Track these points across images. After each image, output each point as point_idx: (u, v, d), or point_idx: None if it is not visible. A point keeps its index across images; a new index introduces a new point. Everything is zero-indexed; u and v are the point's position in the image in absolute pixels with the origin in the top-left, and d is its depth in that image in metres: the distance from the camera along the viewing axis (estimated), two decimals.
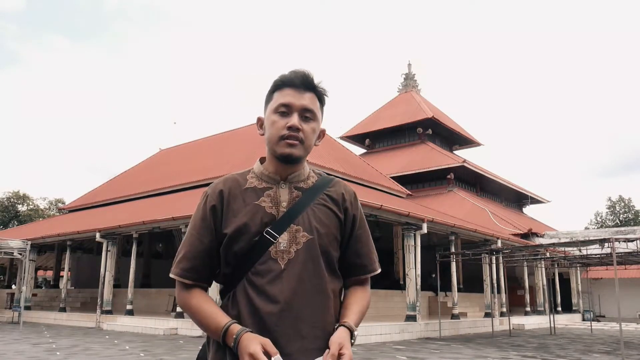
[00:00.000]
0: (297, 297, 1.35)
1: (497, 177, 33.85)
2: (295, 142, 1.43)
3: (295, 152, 1.43)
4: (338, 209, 1.49)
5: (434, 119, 34.03)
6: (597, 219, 48.94)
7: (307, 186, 1.49)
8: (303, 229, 1.41)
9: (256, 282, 1.37)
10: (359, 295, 1.50)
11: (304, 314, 1.35)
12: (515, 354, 11.00)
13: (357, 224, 1.52)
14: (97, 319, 17.31)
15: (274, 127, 1.45)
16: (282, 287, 1.35)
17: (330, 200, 1.49)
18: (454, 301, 17.50)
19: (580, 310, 26.38)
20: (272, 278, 1.36)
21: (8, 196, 43.68)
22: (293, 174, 1.49)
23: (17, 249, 18.39)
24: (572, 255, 17.47)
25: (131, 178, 27.64)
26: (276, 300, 1.34)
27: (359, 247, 1.51)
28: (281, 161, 1.47)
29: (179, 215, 15.52)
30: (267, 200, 1.44)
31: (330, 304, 1.41)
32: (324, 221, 1.45)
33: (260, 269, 1.38)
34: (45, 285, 33.62)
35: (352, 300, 1.48)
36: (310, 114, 1.46)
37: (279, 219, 1.42)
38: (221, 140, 26.12)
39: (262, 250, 1.39)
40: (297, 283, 1.36)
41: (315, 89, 1.49)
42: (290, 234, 1.40)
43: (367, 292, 1.53)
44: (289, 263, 1.38)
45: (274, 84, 1.50)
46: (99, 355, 9.54)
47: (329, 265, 1.43)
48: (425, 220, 15.56)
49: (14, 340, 12.31)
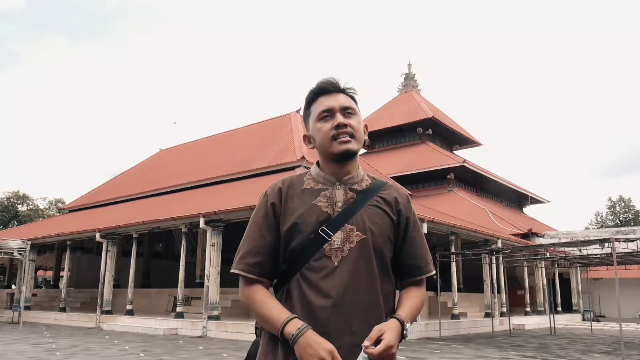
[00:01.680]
0: (348, 293, 1.40)
1: (497, 177, 33.85)
2: (347, 139, 1.49)
3: (351, 147, 1.50)
4: (391, 211, 1.54)
5: (434, 119, 34.03)
6: (597, 219, 48.97)
7: (361, 188, 1.55)
8: (357, 229, 1.46)
9: (310, 278, 1.42)
10: (413, 293, 1.54)
11: (355, 309, 1.40)
12: (515, 354, 10.99)
13: (411, 226, 1.57)
14: (97, 319, 17.31)
15: (321, 133, 1.52)
16: (334, 282, 1.40)
17: (383, 202, 1.54)
18: (454, 301, 17.50)
19: (580, 310, 26.37)
20: (326, 274, 1.42)
21: (8, 196, 43.70)
22: (348, 175, 1.55)
23: (17, 249, 18.40)
24: (572, 255, 17.47)
25: (131, 178, 27.65)
26: (329, 295, 1.39)
27: (413, 248, 1.56)
28: (339, 160, 1.52)
29: (179, 215, 15.53)
30: (323, 200, 1.50)
31: (380, 302, 1.45)
32: (378, 222, 1.50)
33: (314, 265, 1.43)
34: (45, 285, 33.63)
35: (406, 297, 1.53)
36: (351, 110, 1.54)
37: (334, 218, 1.47)
38: (221, 140, 26.13)
39: (317, 247, 1.44)
40: (349, 280, 1.41)
41: (344, 90, 1.57)
42: (345, 233, 1.45)
43: (422, 291, 1.57)
44: (342, 260, 1.43)
45: (307, 100, 1.58)
46: (99, 355, 9.54)
47: (381, 264, 1.48)
48: (425, 220, 15.56)
49: (14, 340, 12.32)
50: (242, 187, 17.81)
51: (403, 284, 1.57)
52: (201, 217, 14.47)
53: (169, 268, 19.81)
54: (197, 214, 14.63)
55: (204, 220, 14.46)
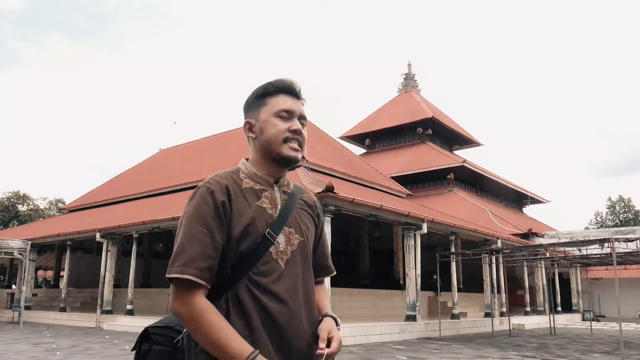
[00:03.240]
0: (297, 295, 1.43)
1: (497, 177, 33.86)
2: (297, 147, 1.51)
3: (297, 156, 1.51)
4: (313, 214, 1.61)
5: (434, 119, 34.04)
6: (597, 219, 48.98)
7: (289, 191, 1.57)
8: (295, 231, 1.49)
9: (260, 282, 1.38)
10: (324, 292, 1.63)
11: (304, 311, 1.44)
12: (515, 354, 11.00)
13: (321, 229, 1.65)
14: (97, 319, 17.31)
15: (275, 129, 1.48)
16: (285, 286, 1.41)
17: (307, 205, 1.60)
18: (454, 301, 17.50)
19: (580, 310, 26.38)
20: (276, 277, 1.41)
21: (8, 196, 43.70)
22: (282, 178, 1.56)
23: (17, 249, 18.41)
24: (572, 255, 17.47)
25: (131, 178, 27.65)
26: (282, 298, 1.39)
27: (323, 249, 1.65)
28: (281, 163, 1.51)
29: (179, 215, 15.50)
30: (266, 201, 1.48)
31: (314, 302, 1.52)
32: (308, 225, 1.56)
33: (263, 269, 1.40)
34: (46, 285, 33.66)
35: (321, 296, 1.59)
36: (304, 121, 1.56)
37: (276, 221, 1.46)
38: (221, 140, 26.12)
39: (264, 250, 1.41)
40: (296, 282, 1.44)
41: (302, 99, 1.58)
42: (286, 236, 1.46)
43: (325, 288, 1.67)
44: (287, 263, 1.44)
45: (265, 90, 1.53)
46: (99, 355, 9.54)
47: (310, 265, 1.54)
48: (425, 220, 15.56)
49: (14, 340, 12.32)
50: None
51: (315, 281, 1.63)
52: None
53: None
54: None
55: None
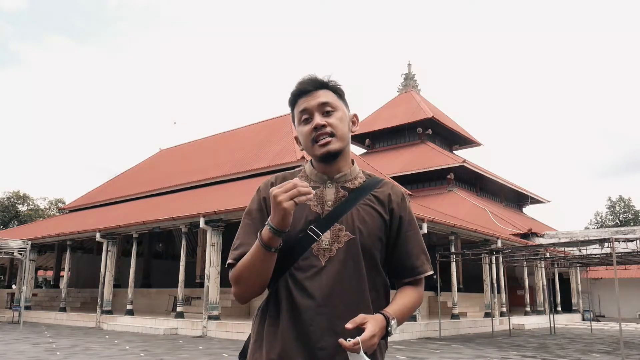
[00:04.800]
0: (334, 293, 1.38)
1: (497, 177, 33.85)
2: (327, 140, 1.46)
3: (331, 148, 1.46)
4: (384, 210, 1.50)
5: (434, 119, 34.03)
6: (597, 219, 48.94)
7: (354, 186, 1.52)
8: (346, 229, 1.44)
9: (297, 277, 1.41)
10: (407, 292, 1.50)
11: (340, 310, 1.37)
12: (515, 354, 11.00)
13: (405, 225, 1.52)
14: (97, 318, 17.32)
15: (303, 136, 1.50)
16: (320, 283, 1.39)
17: (376, 201, 1.51)
18: (454, 301, 17.51)
19: (580, 310, 26.37)
20: (313, 274, 1.41)
21: (8, 196, 43.69)
22: (339, 173, 1.52)
23: (17, 249, 18.40)
24: (572, 255, 17.47)
25: (131, 178, 27.66)
26: (313, 295, 1.38)
27: (408, 248, 1.52)
28: (324, 161, 1.50)
29: (179, 215, 15.53)
30: (313, 198, 1.45)
31: (369, 303, 1.42)
32: (368, 221, 1.46)
33: (302, 265, 1.42)
34: (46, 285, 33.64)
35: (399, 295, 1.49)
36: (329, 107, 1.49)
37: (323, 218, 1.45)
38: (221, 140, 26.13)
39: (305, 247, 1.43)
40: (335, 280, 1.40)
41: (326, 85, 1.52)
42: (333, 233, 1.44)
43: (418, 291, 1.53)
44: (329, 260, 1.41)
45: (289, 102, 1.55)
46: (99, 355, 9.54)
47: (370, 265, 1.45)
48: (425, 220, 15.56)
49: (14, 340, 12.32)
50: (242, 187, 17.81)
51: (399, 284, 1.53)
52: (201, 217, 14.47)
53: (169, 268, 19.81)
54: (197, 214, 14.63)
55: (204, 220, 14.47)
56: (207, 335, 13.85)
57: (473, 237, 19.32)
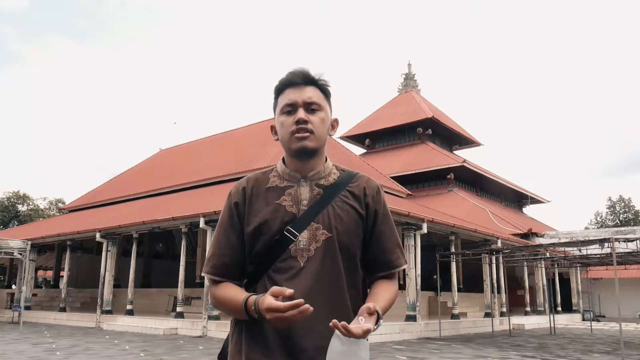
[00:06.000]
0: (313, 294, 1.36)
1: (497, 177, 33.85)
2: (305, 135, 1.44)
3: (308, 144, 1.45)
4: (359, 205, 1.49)
5: (434, 119, 34.03)
6: (597, 219, 48.94)
7: (328, 183, 1.50)
8: (323, 227, 1.43)
9: (276, 279, 1.40)
10: (385, 286, 1.48)
11: (321, 311, 1.34)
12: (515, 354, 11.00)
13: (380, 219, 1.51)
14: (97, 319, 17.31)
15: (283, 127, 1.48)
16: (299, 284, 1.37)
17: (351, 196, 1.49)
18: (454, 301, 17.50)
19: (580, 310, 26.36)
20: (291, 275, 1.39)
21: (8, 196, 43.70)
22: (313, 171, 1.50)
23: (17, 249, 18.40)
24: (572, 255, 17.46)
25: (131, 178, 27.66)
26: (292, 297, 1.36)
27: (383, 242, 1.50)
28: (298, 156, 1.48)
29: (179, 215, 15.53)
30: (287, 199, 1.46)
31: (347, 301, 1.41)
32: (344, 219, 1.45)
33: (280, 267, 1.41)
34: (46, 285, 33.63)
35: (378, 289, 1.47)
36: (315, 106, 1.47)
37: (299, 218, 1.44)
38: (221, 140, 26.13)
39: (283, 248, 1.41)
40: (314, 280, 1.39)
41: (316, 82, 1.51)
42: (310, 232, 1.42)
43: (394, 285, 1.51)
44: (308, 261, 1.40)
45: (275, 90, 1.53)
46: (99, 355, 9.54)
47: (348, 262, 1.44)
48: (425, 220, 15.56)
49: (14, 340, 12.32)
50: None
51: (372, 278, 1.51)
52: (201, 217, 14.47)
53: (169, 268, 19.81)
54: (197, 214, 14.63)
55: (204, 220, 14.47)
56: (207, 335, 13.85)
57: (473, 237, 19.31)
